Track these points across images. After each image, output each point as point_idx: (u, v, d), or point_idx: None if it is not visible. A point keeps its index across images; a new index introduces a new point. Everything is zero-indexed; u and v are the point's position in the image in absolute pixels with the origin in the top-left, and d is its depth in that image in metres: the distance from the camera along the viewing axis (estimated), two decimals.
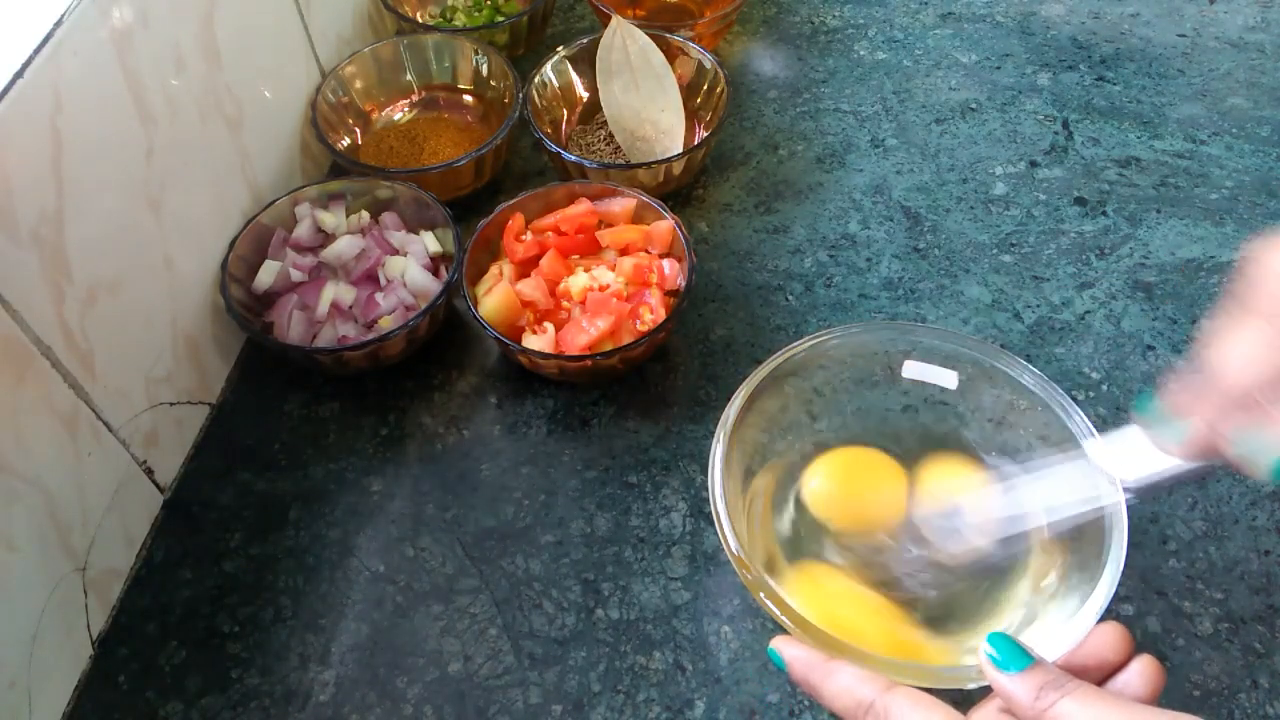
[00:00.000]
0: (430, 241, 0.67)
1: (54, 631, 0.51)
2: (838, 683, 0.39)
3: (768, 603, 0.46)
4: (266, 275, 0.64)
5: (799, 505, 0.54)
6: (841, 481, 0.54)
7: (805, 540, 0.52)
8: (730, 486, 0.50)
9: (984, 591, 0.50)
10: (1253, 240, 0.35)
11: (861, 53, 0.86)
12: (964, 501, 0.50)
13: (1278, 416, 0.34)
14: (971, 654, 0.46)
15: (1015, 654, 0.37)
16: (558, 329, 0.62)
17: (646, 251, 0.66)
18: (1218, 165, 0.76)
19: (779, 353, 0.54)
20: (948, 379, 0.54)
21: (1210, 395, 0.36)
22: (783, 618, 0.45)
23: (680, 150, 0.73)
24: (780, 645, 0.42)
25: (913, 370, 0.55)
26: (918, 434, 0.55)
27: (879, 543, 0.52)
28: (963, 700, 0.48)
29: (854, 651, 0.44)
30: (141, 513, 0.58)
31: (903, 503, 0.53)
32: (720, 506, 0.49)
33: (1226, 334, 0.35)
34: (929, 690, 0.48)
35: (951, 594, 0.50)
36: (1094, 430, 0.48)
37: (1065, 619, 0.45)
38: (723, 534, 0.48)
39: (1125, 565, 0.47)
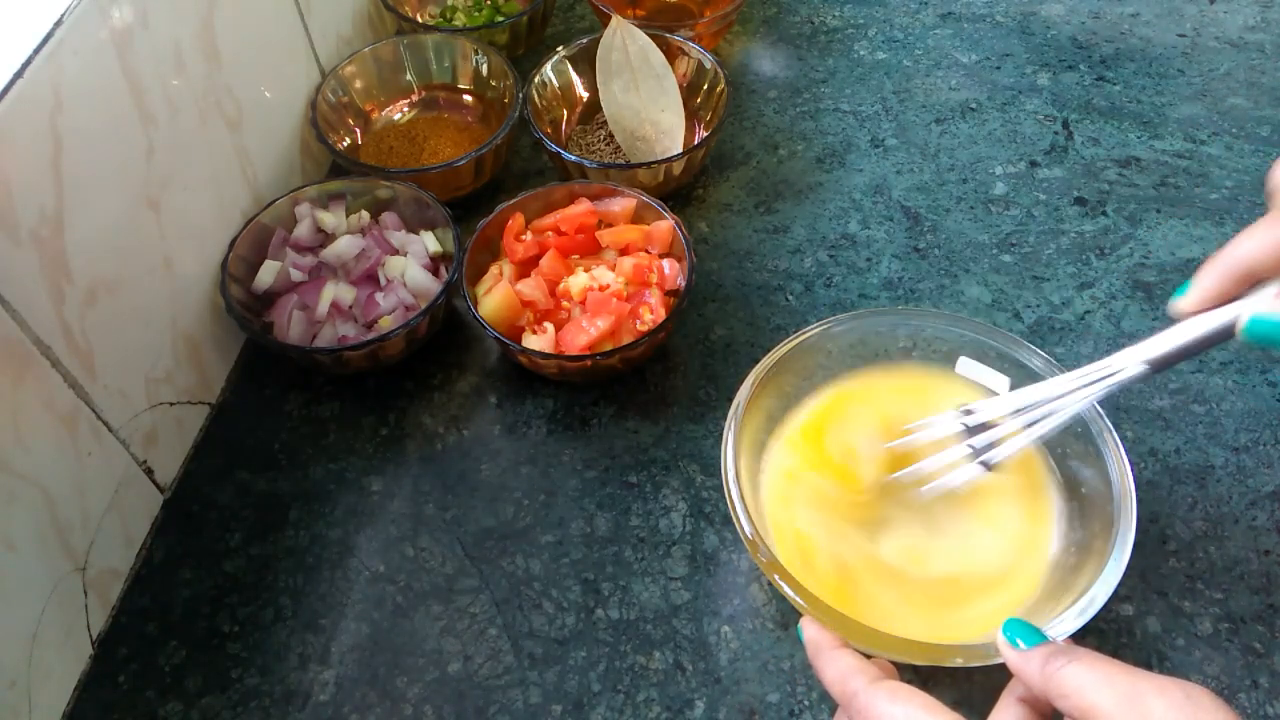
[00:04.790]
0: (430, 241, 0.67)
1: (54, 631, 0.51)
2: (835, 669, 0.42)
3: (782, 584, 0.47)
4: (266, 275, 0.64)
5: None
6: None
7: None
8: (743, 467, 0.51)
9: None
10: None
11: (861, 53, 0.86)
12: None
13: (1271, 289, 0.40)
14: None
15: (1027, 633, 0.39)
16: (558, 329, 0.62)
17: (646, 251, 0.66)
18: (1218, 165, 0.76)
19: (786, 340, 0.55)
20: (1000, 383, 0.56)
21: (1218, 263, 0.42)
22: (796, 598, 0.46)
23: (680, 150, 0.73)
24: (805, 624, 0.45)
25: (966, 369, 0.57)
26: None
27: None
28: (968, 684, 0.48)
29: (863, 630, 0.45)
30: (141, 513, 0.58)
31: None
32: (734, 490, 0.50)
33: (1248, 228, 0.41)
34: (928, 667, 0.49)
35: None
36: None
37: (1070, 614, 0.46)
38: (736, 516, 0.49)
39: (1125, 565, 0.47)
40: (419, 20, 0.84)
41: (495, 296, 0.62)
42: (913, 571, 0.52)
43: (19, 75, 0.45)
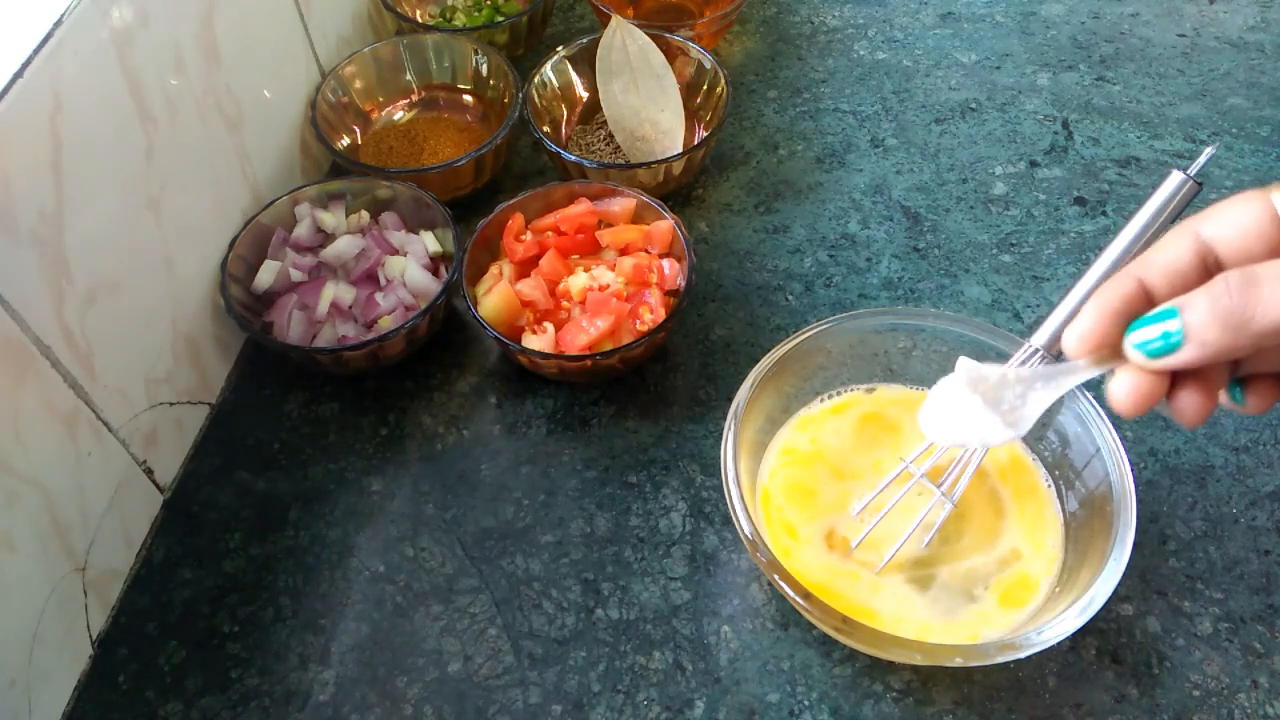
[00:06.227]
0: (430, 241, 0.67)
1: (54, 631, 0.51)
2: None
3: (782, 584, 0.47)
4: (266, 275, 0.64)
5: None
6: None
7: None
8: (743, 467, 0.51)
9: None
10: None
11: (861, 53, 0.86)
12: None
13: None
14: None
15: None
16: (558, 329, 0.62)
17: (646, 251, 0.66)
18: (1218, 165, 0.75)
19: (786, 340, 0.55)
20: None
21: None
22: (796, 598, 0.46)
23: (680, 150, 0.73)
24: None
25: (965, 367, 0.57)
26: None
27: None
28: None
29: (863, 630, 0.45)
30: (141, 513, 0.58)
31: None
32: (733, 490, 0.50)
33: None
34: (928, 667, 0.49)
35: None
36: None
37: (1070, 614, 0.46)
38: (735, 516, 0.49)
39: (1125, 565, 0.47)
40: (419, 20, 0.84)
41: (495, 296, 0.62)
42: (912, 572, 0.52)
43: (19, 75, 0.45)
